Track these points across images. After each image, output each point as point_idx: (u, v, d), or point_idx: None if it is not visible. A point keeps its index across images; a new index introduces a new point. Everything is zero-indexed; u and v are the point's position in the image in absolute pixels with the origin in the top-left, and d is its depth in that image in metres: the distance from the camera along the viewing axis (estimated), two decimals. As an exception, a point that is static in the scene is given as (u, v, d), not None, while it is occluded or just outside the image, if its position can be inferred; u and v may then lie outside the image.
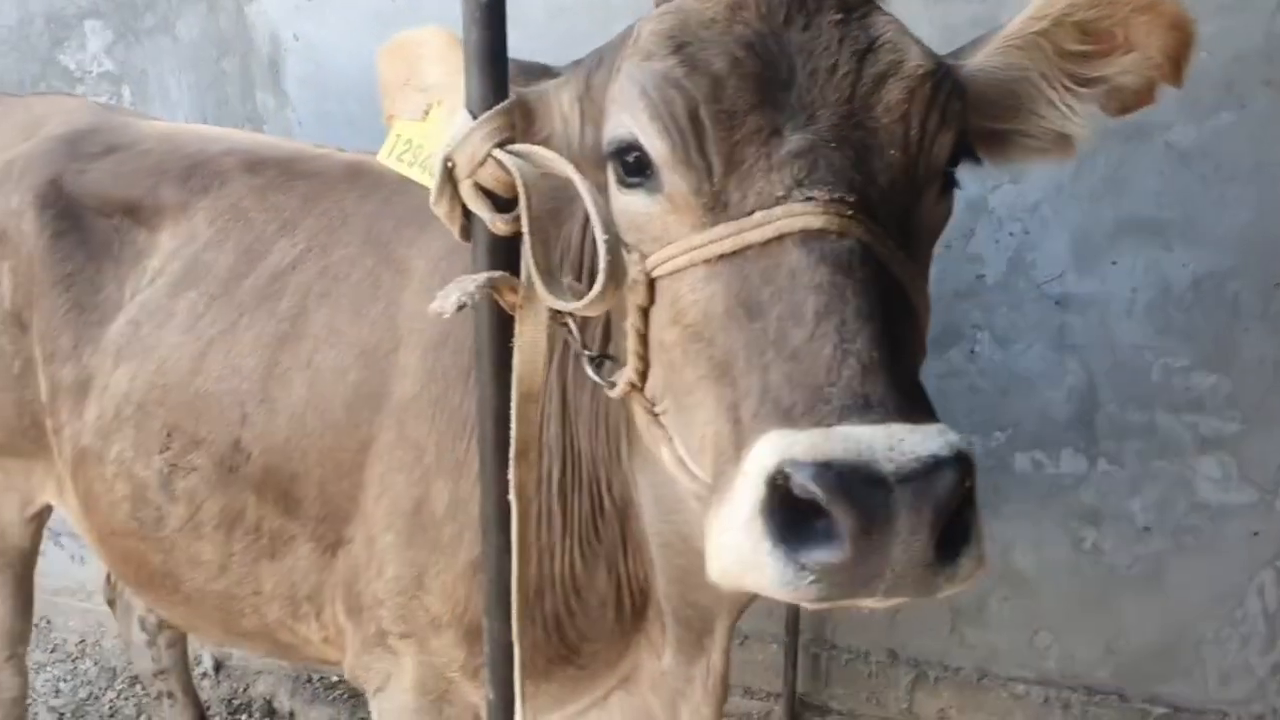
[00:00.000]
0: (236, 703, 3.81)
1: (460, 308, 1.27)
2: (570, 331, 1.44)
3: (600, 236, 1.26)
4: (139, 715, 3.79)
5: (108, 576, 3.18)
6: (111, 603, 3.20)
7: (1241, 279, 2.82)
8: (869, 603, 1.07)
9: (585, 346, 1.45)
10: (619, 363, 1.41)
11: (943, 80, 1.28)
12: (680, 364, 1.26)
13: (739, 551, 1.06)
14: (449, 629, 1.81)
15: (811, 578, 1.02)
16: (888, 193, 1.22)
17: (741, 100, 1.22)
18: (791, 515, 1.02)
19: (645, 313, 1.31)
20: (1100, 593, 3.19)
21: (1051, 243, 2.96)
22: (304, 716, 3.75)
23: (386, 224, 1.98)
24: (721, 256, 1.20)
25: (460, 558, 1.76)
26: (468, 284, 1.29)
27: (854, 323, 1.10)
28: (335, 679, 3.88)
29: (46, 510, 2.57)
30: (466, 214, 1.35)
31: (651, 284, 1.29)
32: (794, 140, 1.20)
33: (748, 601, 1.73)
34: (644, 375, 1.35)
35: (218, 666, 3.90)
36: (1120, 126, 2.71)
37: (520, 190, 1.27)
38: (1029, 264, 2.98)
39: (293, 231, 2.05)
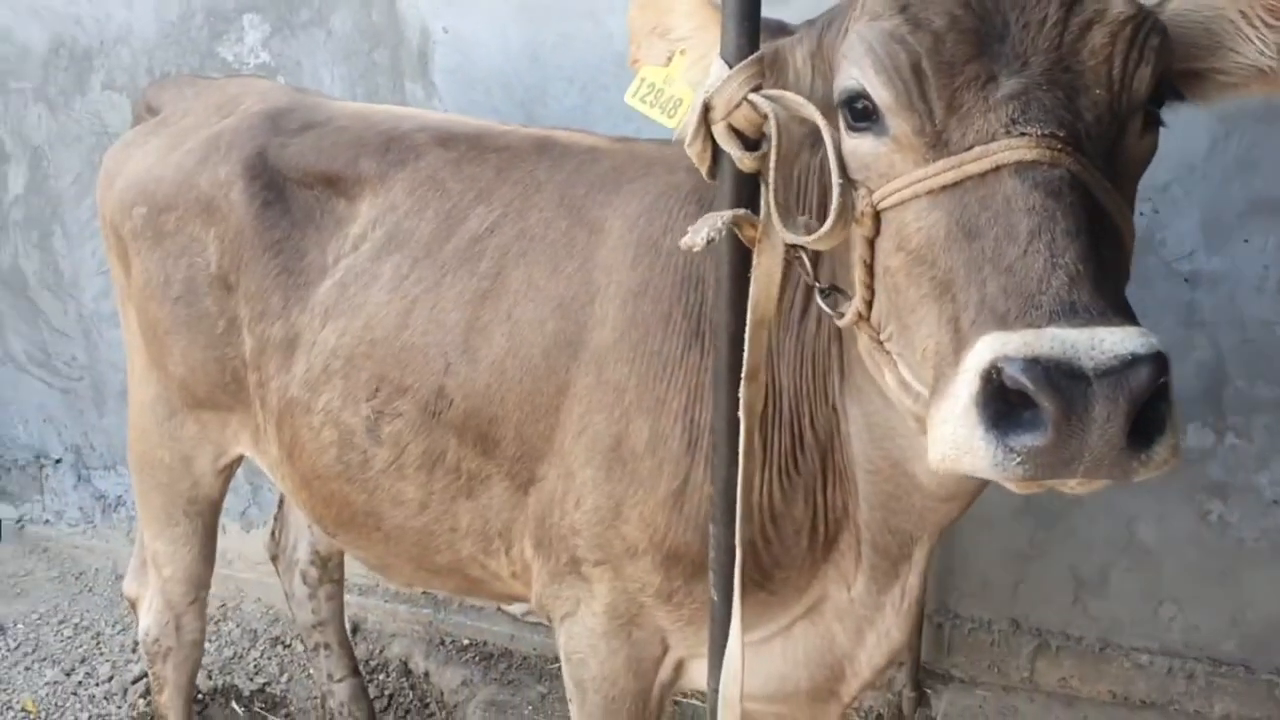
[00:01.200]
0: (373, 664, 4.00)
1: (709, 241, 1.43)
2: (803, 265, 1.58)
3: (835, 178, 1.41)
4: (281, 673, 3.99)
5: (272, 533, 3.38)
6: (274, 558, 3.39)
7: (1375, 255, 2.90)
8: (1070, 485, 1.22)
9: (816, 280, 1.59)
10: (846, 295, 1.54)
11: (1143, 23, 1.40)
12: (904, 286, 1.40)
13: (956, 439, 1.22)
14: (645, 555, 1.96)
15: (1018, 459, 1.17)
16: (1094, 128, 1.35)
17: (960, 52, 1.37)
18: (1002, 406, 1.18)
19: (871, 244, 1.45)
20: (1226, 565, 3.26)
21: (1182, 221, 3.05)
22: (438, 677, 3.92)
23: (579, 189, 2.13)
24: (943, 188, 1.35)
25: (660, 489, 1.91)
26: (716, 220, 1.44)
27: (1062, 240, 1.24)
28: (467, 642, 4.06)
29: (237, 462, 2.76)
30: (714, 156, 1.50)
31: (877, 216, 1.43)
32: (1008, 85, 1.34)
33: (948, 524, 1.85)
34: (869, 304, 1.48)
35: (354, 629, 4.09)
36: (1254, 108, 2.82)
37: (773, 130, 1.42)
38: (1159, 242, 3.07)
39: (489, 199, 2.21)
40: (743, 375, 1.54)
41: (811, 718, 2.13)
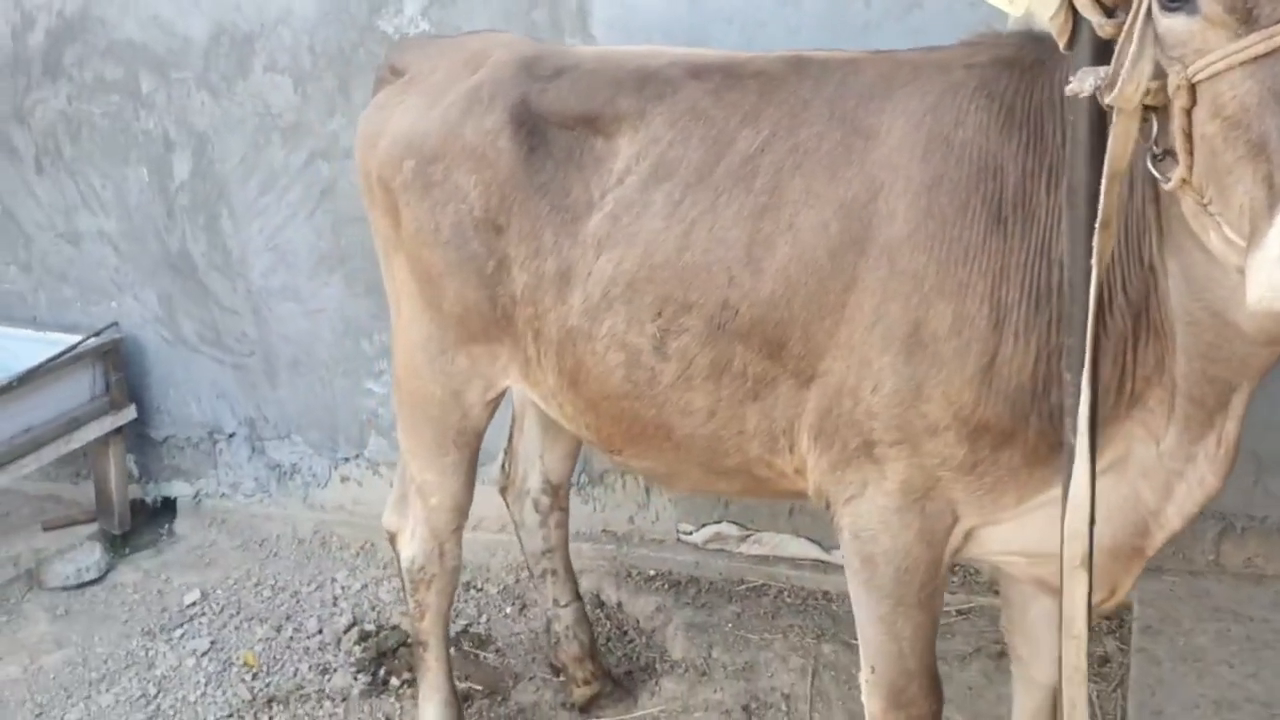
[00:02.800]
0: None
1: (1095, 89, 1.59)
2: (1152, 127, 1.72)
3: (1134, 41, 1.60)
4: (480, 614, 4.18)
5: (502, 466, 3.56)
6: (503, 490, 3.57)
7: None
8: None
9: (1155, 144, 1.73)
10: (1174, 162, 1.68)
11: None
12: (1221, 151, 1.56)
13: (1273, 281, 1.39)
14: (948, 431, 2.11)
15: None
16: None
17: None
18: None
19: (1189, 114, 1.60)
20: (1404, 433, 3.40)
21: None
22: (631, 606, 4.11)
23: (848, 101, 2.28)
24: (1255, 59, 1.49)
25: (968, 367, 2.06)
26: (1094, 74, 1.60)
27: None
28: (653, 573, 4.24)
29: (502, 395, 2.95)
30: (1074, 28, 1.66)
31: (1193, 89, 1.58)
32: None
33: (1268, 370, 1.98)
34: (1190, 169, 1.63)
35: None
36: None
37: None
38: None
39: (755, 121, 2.36)
40: (1098, 224, 1.70)
41: (1111, 576, 2.24)
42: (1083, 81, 1.60)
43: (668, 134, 2.46)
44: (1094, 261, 1.73)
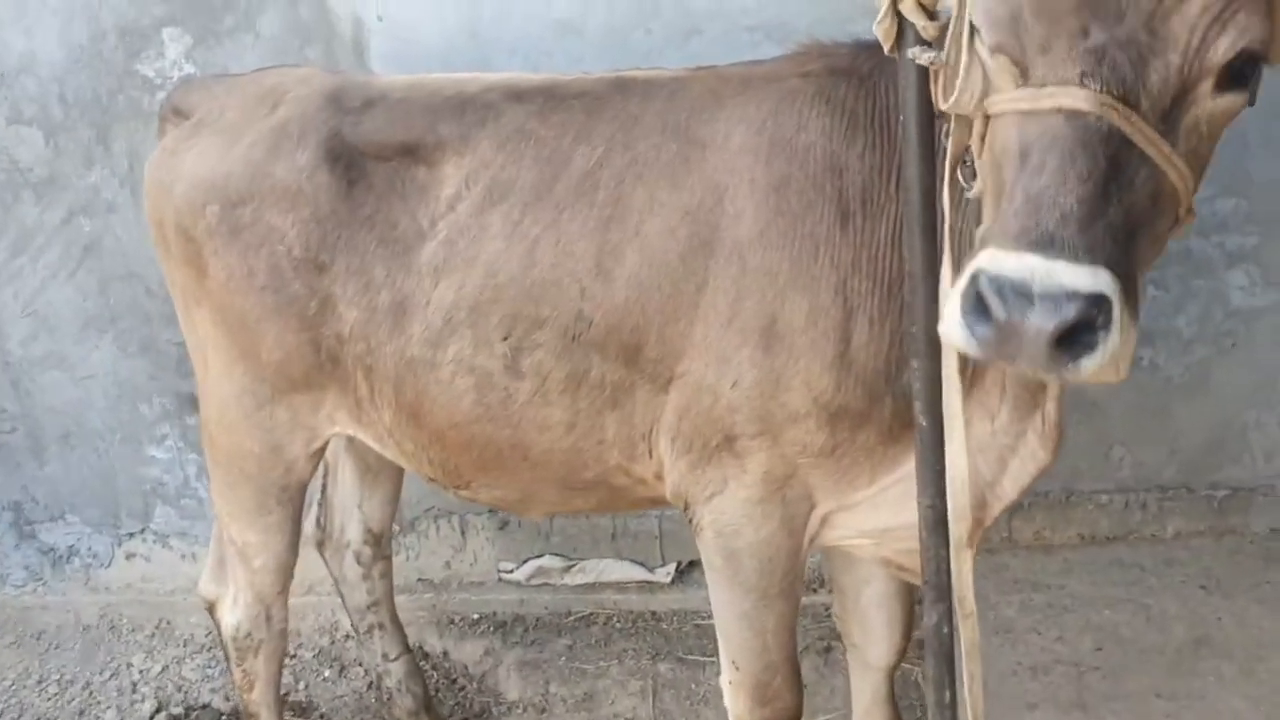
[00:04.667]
0: (388, 654, 4.02)
1: (930, 63, 1.69)
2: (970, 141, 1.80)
3: (963, 52, 1.70)
4: (297, 681, 3.97)
5: (317, 520, 3.38)
6: (320, 545, 3.39)
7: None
8: (1016, 367, 1.52)
9: (969, 154, 1.81)
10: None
11: None
12: (988, 180, 1.71)
13: (948, 316, 1.57)
14: (808, 418, 2.19)
15: (976, 342, 1.52)
16: (1160, 88, 1.57)
17: (1062, 5, 1.58)
18: (978, 303, 1.51)
19: (983, 139, 1.73)
20: (1160, 403, 3.77)
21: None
22: (458, 653, 4.00)
23: (680, 115, 2.34)
24: (1021, 112, 1.62)
25: (826, 354, 2.15)
26: (927, 52, 1.71)
27: (1074, 182, 1.50)
28: (476, 616, 4.14)
29: (324, 447, 2.82)
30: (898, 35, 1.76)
31: (987, 120, 1.70)
32: (1094, 38, 1.57)
33: None
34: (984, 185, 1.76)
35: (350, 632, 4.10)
36: None
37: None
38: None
39: (588, 139, 2.39)
40: (942, 219, 1.80)
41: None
42: (918, 54, 1.69)
43: (497, 157, 2.44)
44: (943, 249, 1.82)
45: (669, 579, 4.14)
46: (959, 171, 1.84)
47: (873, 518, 2.34)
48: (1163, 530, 3.87)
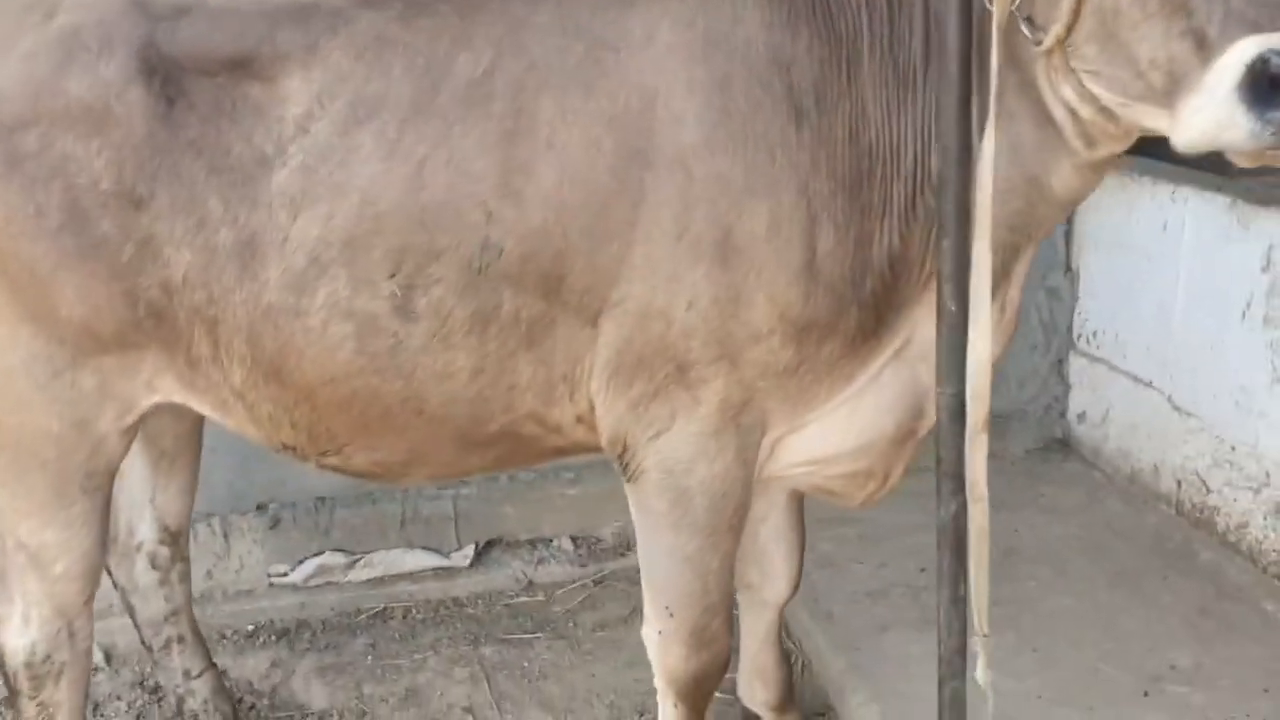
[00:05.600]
0: (152, 684, 3.48)
1: None
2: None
3: None
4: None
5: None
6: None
7: None
8: None
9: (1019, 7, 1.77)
10: (1040, 26, 1.76)
11: None
12: (1126, 10, 1.66)
13: (1218, 118, 1.57)
14: (773, 335, 2.05)
15: (1272, 129, 1.56)
16: None
17: None
18: (1260, 90, 1.54)
19: None
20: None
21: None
22: (238, 669, 3.49)
23: (579, 15, 2.09)
24: None
25: (792, 264, 2.01)
26: None
27: None
28: (251, 628, 3.68)
29: (140, 421, 2.35)
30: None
31: None
32: None
33: (1050, 232, 2.16)
34: (1070, 29, 1.73)
35: (107, 658, 3.52)
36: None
37: None
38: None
39: (469, 44, 2.11)
40: (991, 89, 1.76)
41: (888, 464, 2.33)
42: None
43: (356, 68, 2.13)
44: (988, 127, 1.78)
45: (467, 562, 3.88)
46: (1023, 25, 1.77)
47: (820, 441, 2.24)
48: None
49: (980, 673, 2.04)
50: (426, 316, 2.11)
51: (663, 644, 2.38)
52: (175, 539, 2.88)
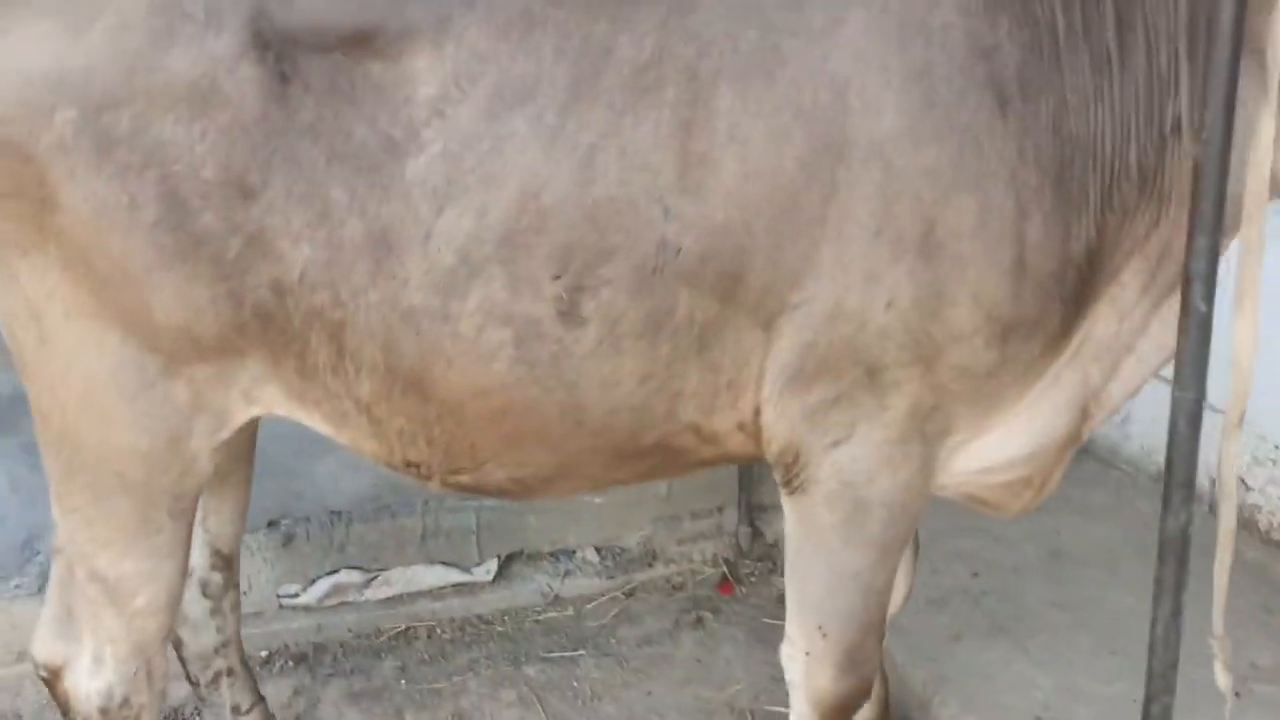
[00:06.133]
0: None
1: None
2: None
3: None
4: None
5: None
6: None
7: None
8: None
9: None
10: None
11: None
12: None
13: None
14: (975, 335, 1.93)
15: None
16: None
17: None
18: None
19: None
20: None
21: None
22: (256, 701, 3.27)
23: None
24: None
25: (1001, 260, 1.90)
26: None
27: None
28: (265, 653, 3.43)
29: (230, 438, 2.11)
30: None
31: None
32: None
33: None
34: None
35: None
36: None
37: None
38: None
39: (630, 25, 1.93)
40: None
41: (1050, 469, 2.22)
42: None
43: (500, 48, 1.94)
44: (1265, 115, 1.72)
45: (490, 577, 3.68)
46: None
47: (998, 447, 2.12)
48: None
49: (1219, 675, 1.97)
50: (595, 321, 1.94)
51: (810, 666, 2.24)
52: (228, 564, 2.62)
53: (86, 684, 2.18)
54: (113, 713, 2.19)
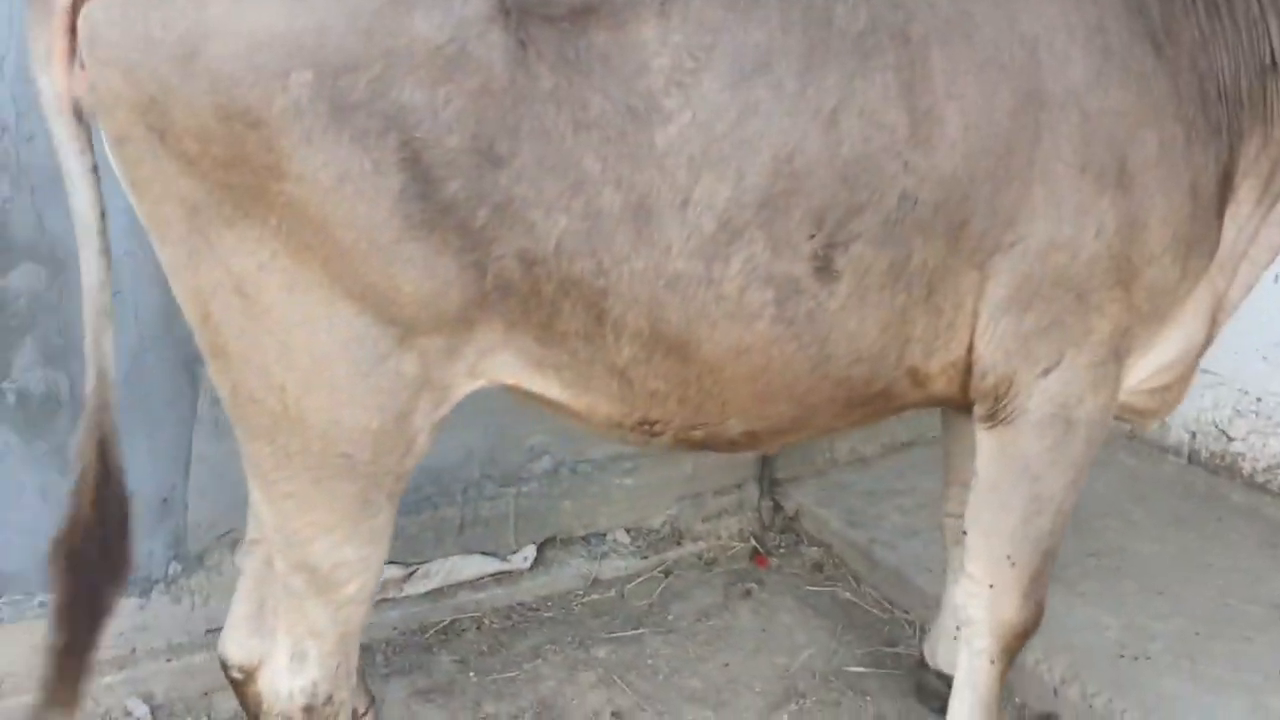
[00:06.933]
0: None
1: None
2: None
3: None
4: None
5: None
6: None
7: None
8: None
9: None
10: None
11: None
12: None
13: None
14: (1164, 255, 2.16)
15: None
16: None
17: None
18: None
19: None
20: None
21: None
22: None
23: None
24: None
25: (1181, 185, 2.14)
26: None
27: None
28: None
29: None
30: None
31: None
32: None
33: None
34: None
35: (154, 711, 3.02)
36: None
37: None
38: None
39: None
40: None
41: (1188, 374, 2.47)
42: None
43: (728, 18, 1.97)
44: None
45: (528, 564, 3.62)
46: None
47: (1157, 357, 2.36)
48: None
49: None
50: (846, 275, 2.04)
51: (995, 597, 2.40)
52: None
53: (285, 684, 2.05)
54: (317, 710, 2.06)
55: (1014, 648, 2.47)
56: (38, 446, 2.92)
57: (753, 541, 3.86)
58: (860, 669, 3.23)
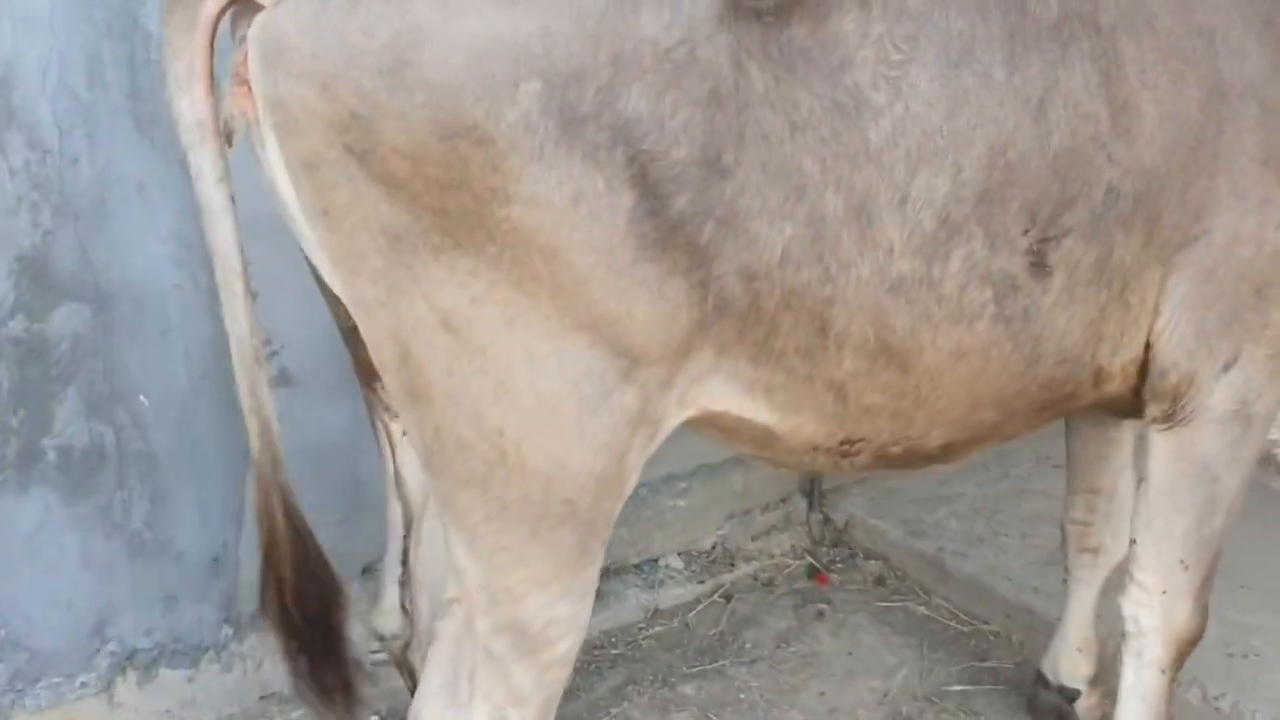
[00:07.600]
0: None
1: None
2: None
3: None
4: None
5: (402, 605, 2.13)
6: (405, 646, 2.17)
7: None
8: None
9: None
10: None
11: None
12: None
13: None
14: None
15: None
16: None
17: None
18: None
19: None
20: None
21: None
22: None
23: None
24: None
25: None
26: None
27: None
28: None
29: None
30: None
31: None
32: None
33: None
34: None
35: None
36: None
37: None
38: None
39: None
40: None
41: None
42: None
43: (929, 9, 1.86)
44: None
45: (586, 598, 3.41)
46: None
47: None
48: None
49: None
50: (1058, 271, 1.96)
51: (1169, 604, 2.34)
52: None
53: (498, 749, 1.83)
54: (520, 781, 1.84)
55: (1185, 655, 2.41)
56: (80, 508, 2.59)
57: (808, 558, 3.72)
58: (961, 687, 3.12)
